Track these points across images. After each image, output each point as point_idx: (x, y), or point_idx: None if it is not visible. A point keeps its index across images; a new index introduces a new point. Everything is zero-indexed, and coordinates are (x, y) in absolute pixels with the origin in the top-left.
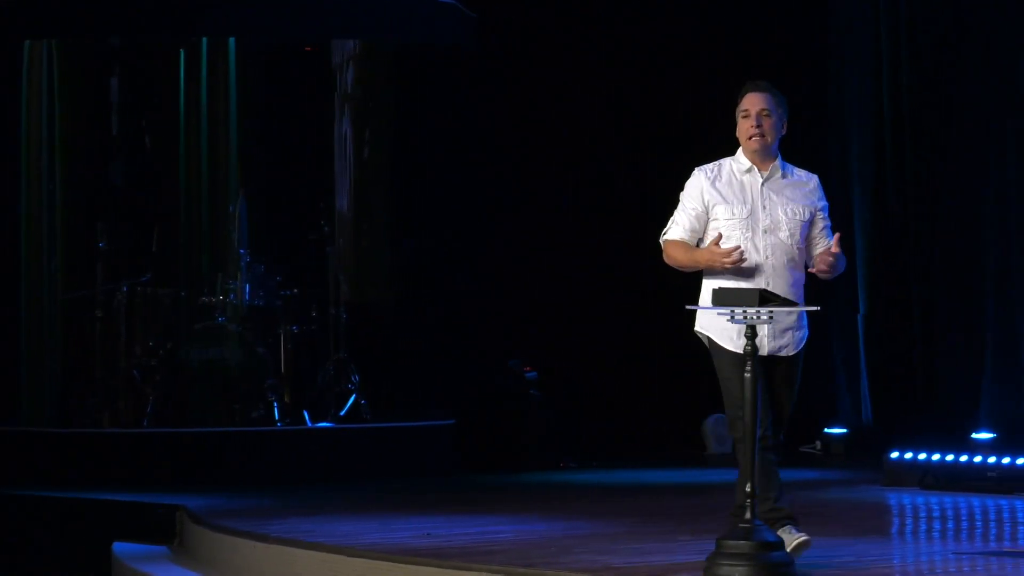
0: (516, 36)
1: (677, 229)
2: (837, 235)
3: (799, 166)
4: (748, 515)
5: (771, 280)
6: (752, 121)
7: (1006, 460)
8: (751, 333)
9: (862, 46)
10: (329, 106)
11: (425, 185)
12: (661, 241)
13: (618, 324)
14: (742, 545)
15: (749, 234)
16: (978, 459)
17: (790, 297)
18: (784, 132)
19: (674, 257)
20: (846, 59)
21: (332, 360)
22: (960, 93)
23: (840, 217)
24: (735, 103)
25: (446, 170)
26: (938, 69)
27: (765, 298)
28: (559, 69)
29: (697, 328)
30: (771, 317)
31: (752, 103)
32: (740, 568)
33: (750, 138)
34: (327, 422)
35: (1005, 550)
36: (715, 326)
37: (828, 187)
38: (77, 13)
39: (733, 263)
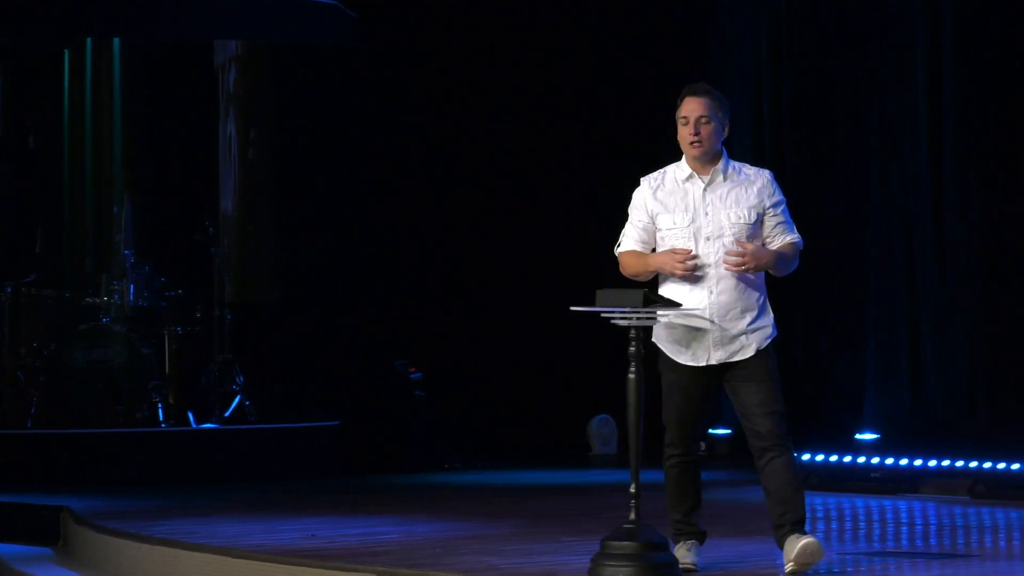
0: (398, 35)
1: (628, 241)
2: (741, 246)
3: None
4: (632, 515)
5: (715, 287)
6: (691, 128)
7: (889, 461)
8: (635, 335)
9: (742, 51)
10: (213, 107)
11: (310, 185)
12: (616, 254)
13: (503, 325)
14: (626, 546)
15: (692, 243)
16: (861, 460)
17: (743, 302)
18: (726, 134)
19: (628, 266)
20: (726, 64)
21: (217, 361)
22: (840, 98)
23: None
24: (674, 107)
25: (331, 170)
26: (818, 75)
27: (649, 299)
28: (443, 67)
29: (653, 339)
30: (653, 318)
31: (690, 109)
32: (624, 569)
33: (691, 144)
34: (212, 423)
35: (889, 551)
36: (661, 336)
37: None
38: None
39: (684, 270)
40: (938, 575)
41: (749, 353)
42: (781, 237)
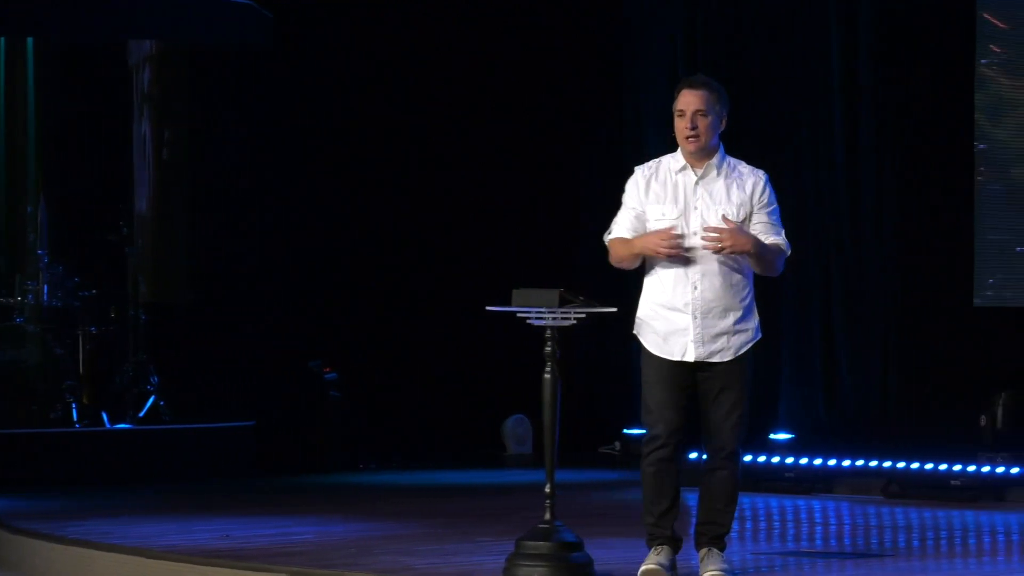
0: (313, 35)
1: (619, 229)
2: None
3: (596, 168)
4: (547, 515)
5: (700, 282)
6: (687, 122)
7: (803, 461)
8: (551, 335)
9: (658, 50)
10: (128, 107)
11: (225, 185)
12: (605, 242)
13: (418, 325)
14: (541, 546)
15: (680, 237)
16: (776, 460)
17: (727, 300)
18: (723, 127)
19: (616, 253)
20: (642, 63)
21: (131, 361)
22: (755, 100)
23: None
24: (671, 99)
25: (246, 170)
26: (731, 75)
27: (565, 299)
28: (357, 67)
29: (634, 331)
30: (570, 319)
31: (687, 103)
32: (539, 569)
33: (687, 139)
34: (126, 423)
35: (803, 550)
36: (643, 329)
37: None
38: None
39: (668, 248)
40: (852, 575)
41: (728, 356)
42: (764, 238)
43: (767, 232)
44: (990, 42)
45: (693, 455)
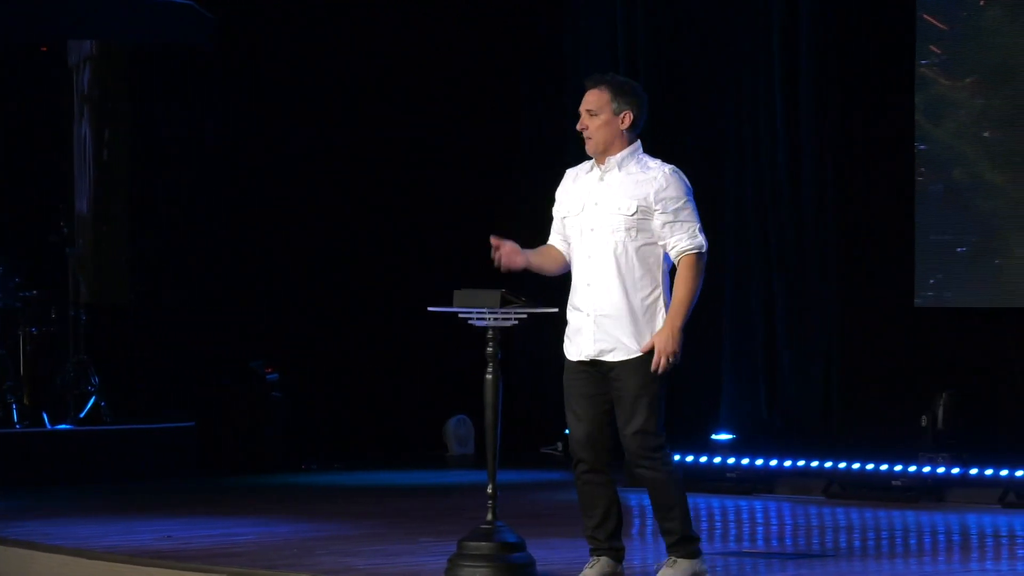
0: (254, 35)
1: (551, 234)
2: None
3: (542, 160)
4: (489, 516)
5: (593, 280)
6: (580, 123)
7: (745, 461)
8: (493, 335)
9: (599, 46)
10: (68, 107)
11: (165, 186)
12: None
13: (360, 325)
14: (483, 546)
15: (579, 235)
16: (717, 460)
17: (626, 300)
18: (626, 124)
19: None
20: (582, 60)
21: (71, 362)
22: (695, 100)
23: None
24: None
25: (186, 171)
26: (671, 75)
27: (506, 299)
28: (298, 68)
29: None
30: (512, 319)
31: (583, 102)
32: (481, 569)
33: (584, 139)
34: (66, 424)
35: (745, 551)
36: (564, 334)
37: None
38: None
39: (496, 257)
40: (793, 575)
41: (620, 356)
42: (673, 239)
43: (673, 233)
44: (930, 43)
45: None
